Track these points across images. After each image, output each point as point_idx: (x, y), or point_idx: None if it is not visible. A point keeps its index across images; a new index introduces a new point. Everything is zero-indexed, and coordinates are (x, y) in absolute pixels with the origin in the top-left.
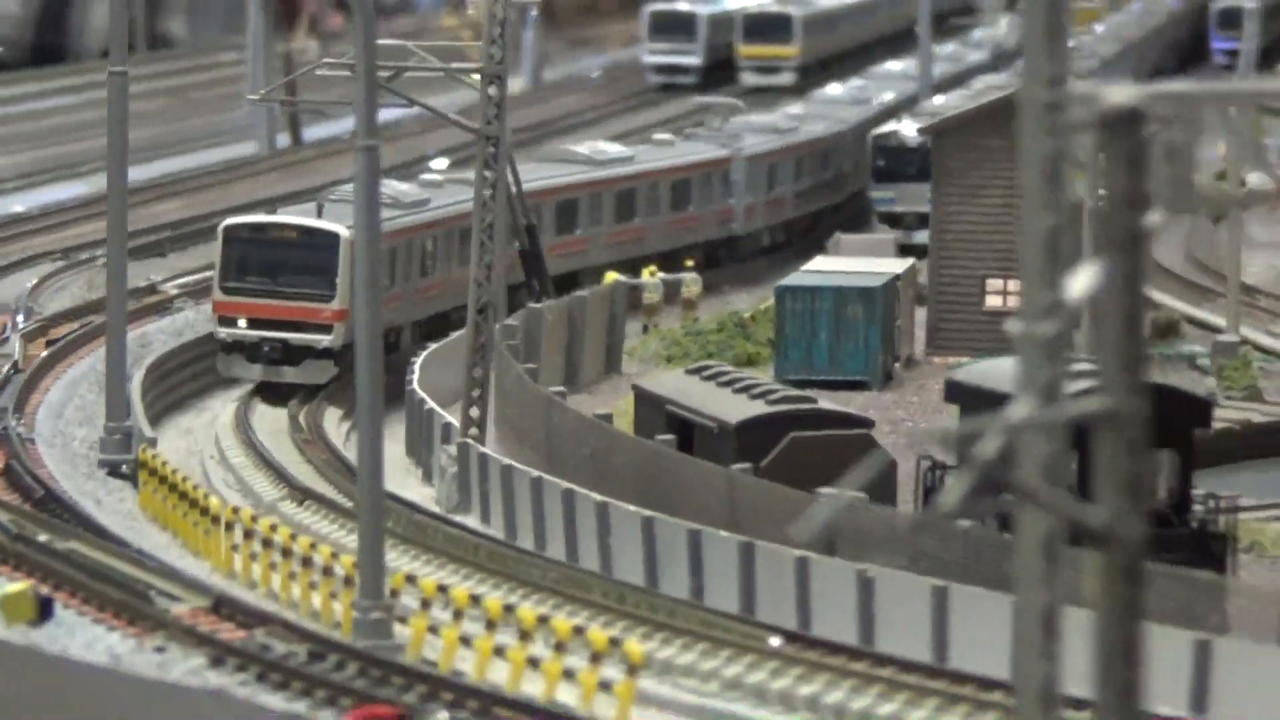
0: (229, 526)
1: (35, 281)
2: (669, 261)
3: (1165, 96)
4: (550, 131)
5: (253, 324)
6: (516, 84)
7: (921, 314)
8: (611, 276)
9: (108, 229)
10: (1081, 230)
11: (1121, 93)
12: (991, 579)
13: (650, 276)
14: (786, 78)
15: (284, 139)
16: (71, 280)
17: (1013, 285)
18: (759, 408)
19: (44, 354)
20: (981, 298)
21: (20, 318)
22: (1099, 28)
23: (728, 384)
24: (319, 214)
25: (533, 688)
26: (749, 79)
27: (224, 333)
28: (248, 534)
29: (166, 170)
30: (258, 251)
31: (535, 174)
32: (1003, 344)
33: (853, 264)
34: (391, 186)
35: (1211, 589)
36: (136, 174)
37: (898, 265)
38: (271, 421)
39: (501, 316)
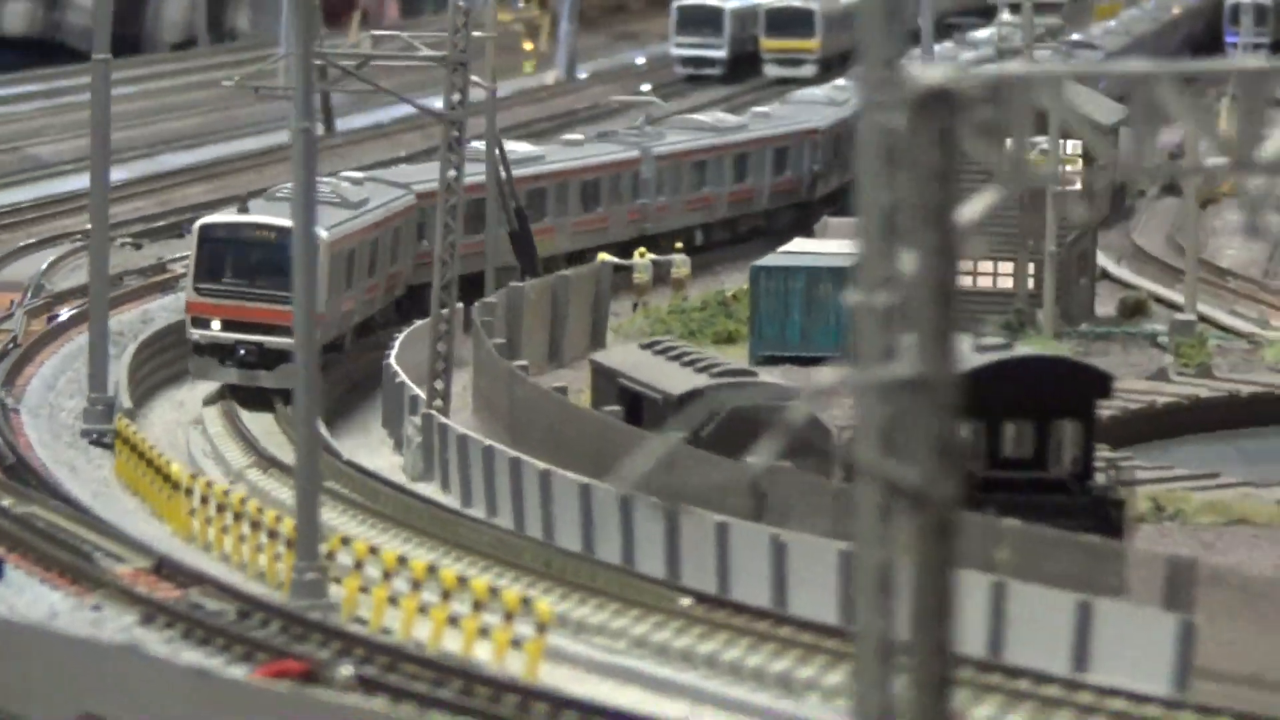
0: (188, 492)
1: (52, 260)
2: (575, 262)
3: (978, 77)
4: (576, 120)
5: (226, 326)
6: (551, 76)
7: None
8: (603, 256)
9: (90, 208)
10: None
11: (933, 72)
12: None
13: (640, 258)
14: (808, 70)
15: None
16: (86, 260)
17: (984, 266)
18: (702, 380)
19: (44, 329)
20: None
21: (29, 295)
22: (1112, 23)
23: (676, 358)
24: (239, 212)
25: (454, 644)
26: (772, 71)
27: (196, 334)
28: (203, 499)
29: (210, 156)
30: (233, 252)
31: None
32: (975, 321)
33: (829, 245)
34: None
35: (1103, 553)
36: (179, 159)
37: None
38: (255, 394)
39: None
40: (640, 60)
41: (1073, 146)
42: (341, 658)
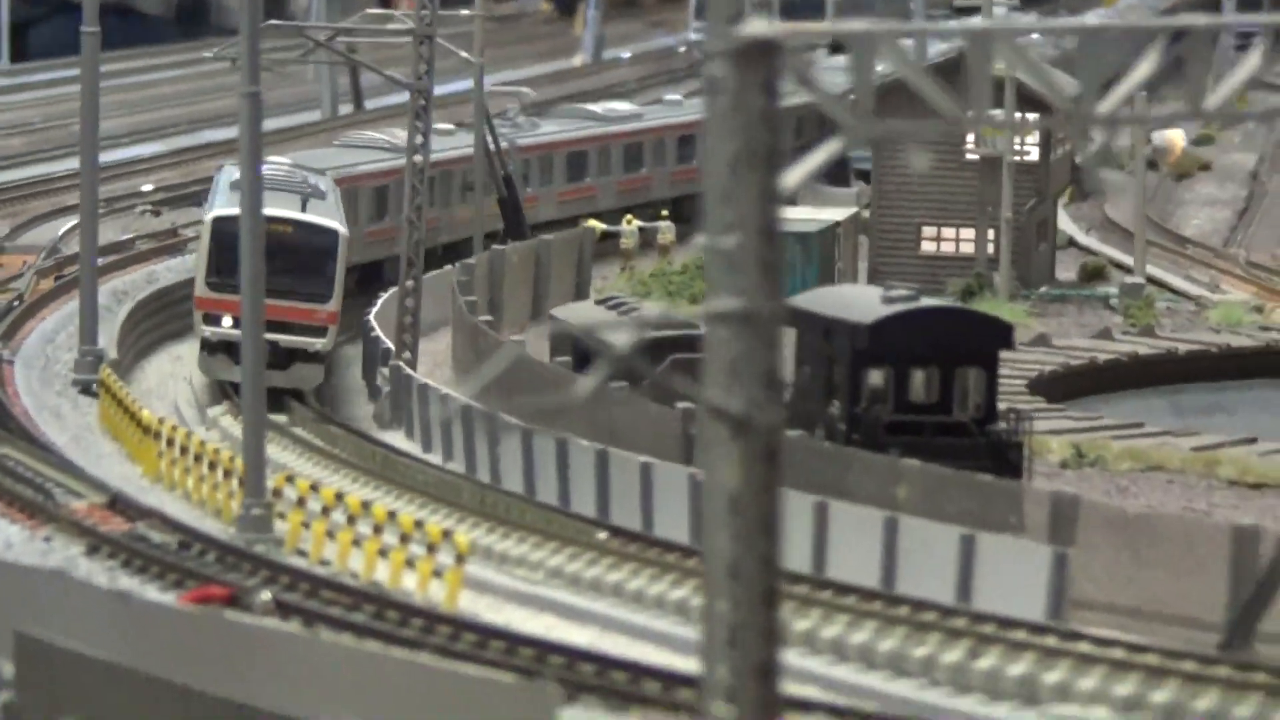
0: (156, 435)
1: (71, 224)
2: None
3: (803, 31)
4: (592, 96)
5: (239, 323)
6: (578, 59)
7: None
8: (591, 223)
9: (80, 176)
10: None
11: (758, 26)
12: (814, 484)
13: (628, 225)
14: (821, 53)
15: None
16: (107, 225)
17: (946, 232)
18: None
19: (49, 288)
20: (917, 243)
21: (43, 256)
22: (1103, 10)
23: (626, 313)
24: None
25: (384, 574)
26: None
27: (207, 331)
28: (169, 442)
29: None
30: None
31: (336, 160)
32: (937, 284)
33: (802, 212)
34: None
35: (995, 492)
36: (214, 135)
37: (842, 214)
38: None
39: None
40: (678, 44)
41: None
42: (264, 584)
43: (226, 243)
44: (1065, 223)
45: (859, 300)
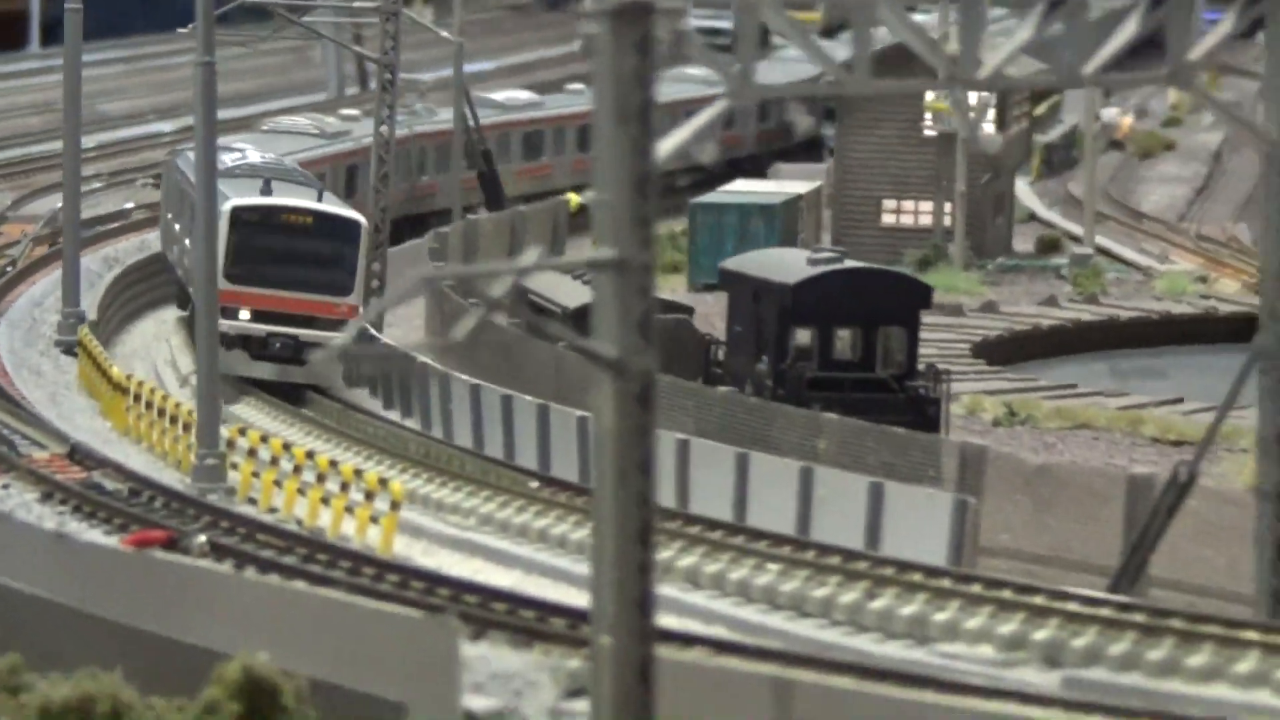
0: (125, 391)
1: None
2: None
3: None
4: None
5: (257, 316)
6: (577, 44)
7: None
8: (570, 196)
9: (63, 152)
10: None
11: None
12: (742, 437)
13: None
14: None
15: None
16: (108, 197)
17: (906, 205)
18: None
19: (42, 254)
20: (878, 215)
21: (41, 225)
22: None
23: (579, 276)
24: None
25: (327, 520)
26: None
27: (225, 325)
28: (136, 397)
29: (257, 111)
30: (268, 237)
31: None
32: (897, 255)
33: (767, 186)
34: None
35: (908, 443)
36: (230, 113)
37: (805, 187)
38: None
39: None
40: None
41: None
42: (202, 529)
43: (246, 233)
44: (1029, 198)
45: (786, 263)
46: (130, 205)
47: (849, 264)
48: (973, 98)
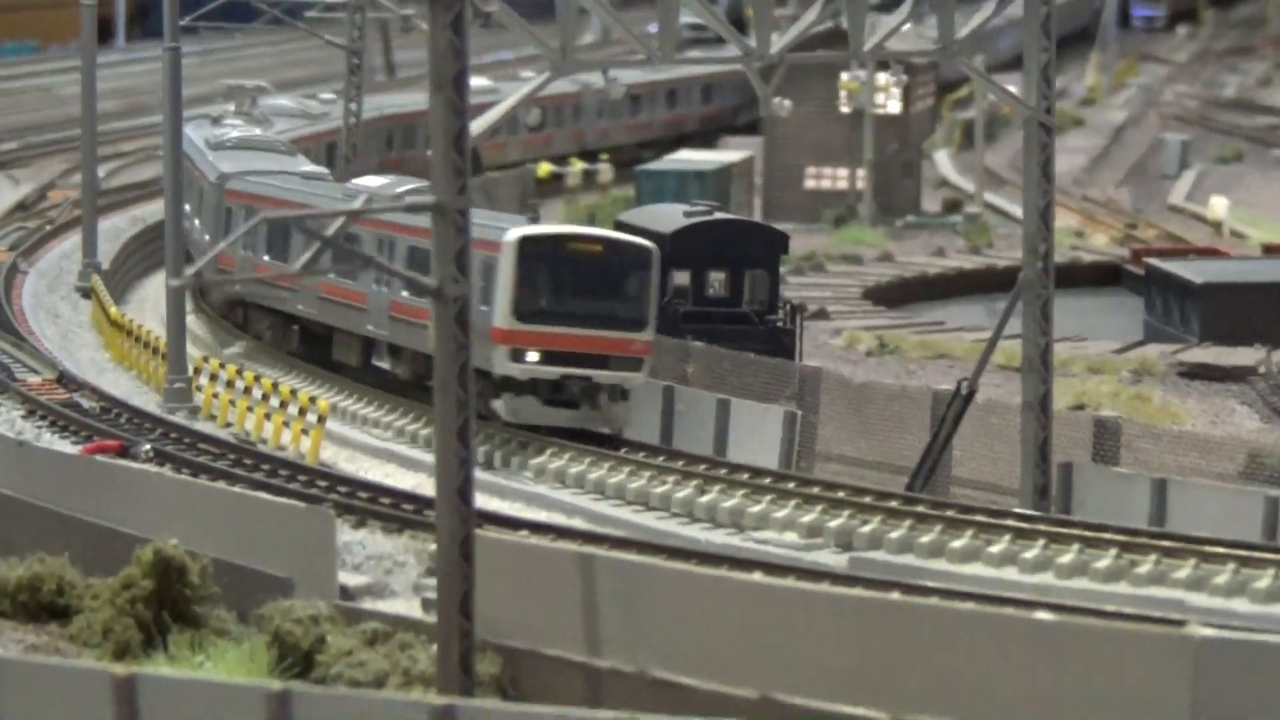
0: (120, 328)
1: (113, 167)
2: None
3: None
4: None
5: (548, 358)
6: (589, 36)
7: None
8: (542, 165)
9: (81, 126)
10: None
11: None
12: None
13: (574, 166)
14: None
15: None
16: (145, 168)
17: (825, 171)
18: None
19: (76, 215)
20: (801, 180)
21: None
22: None
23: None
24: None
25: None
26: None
27: (514, 369)
28: (128, 333)
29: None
30: (556, 270)
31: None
32: (817, 214)
33: (706, 155)
34: None
35: (763, 368)
36: (272, 101)
37: (738, 156)
38: None
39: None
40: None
41: (888, 76)
42: (149, 439)
43: (533, 267)
44: (946, 167)
45: (667, 215)
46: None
47: (719, 216)
48: (881, 78)
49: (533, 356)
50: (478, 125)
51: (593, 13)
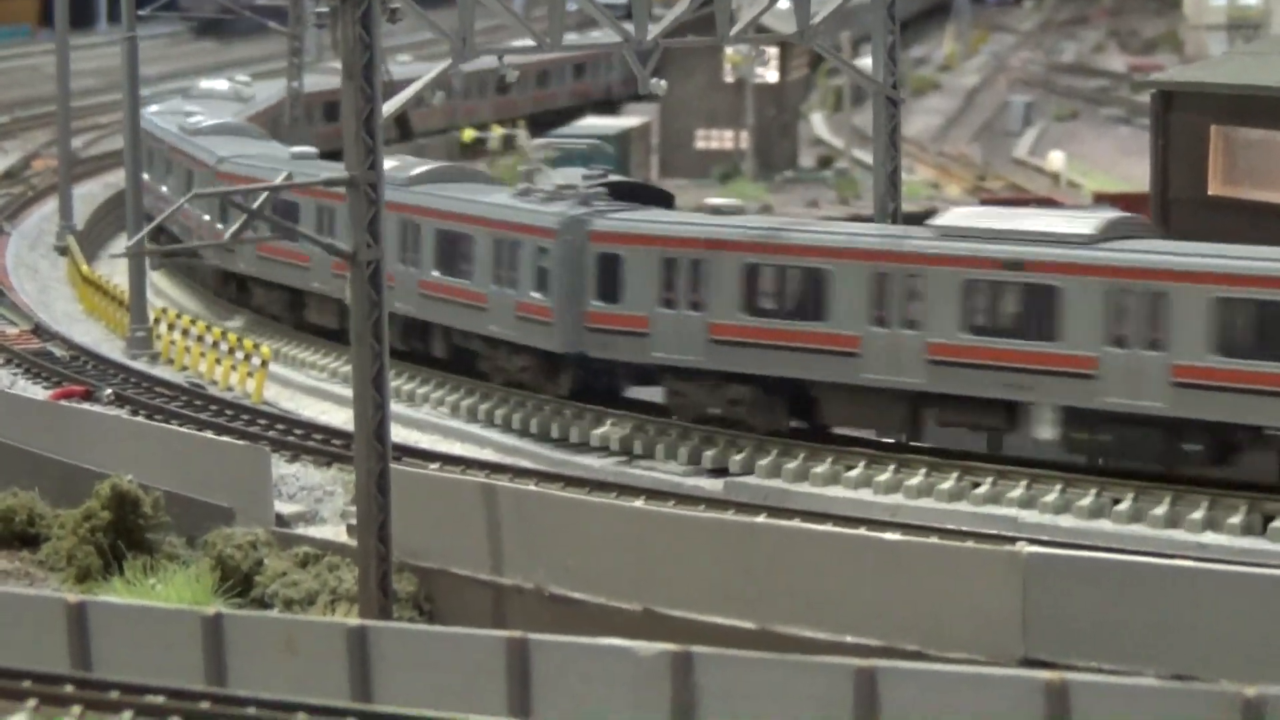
0: (90, 282)
1: (92, 137)
2: None
3: None
4: None
5: None
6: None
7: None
8: (466, 131)
9: (57, 106)
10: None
11: None
12: None
13: (495, 131)
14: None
15: None
16: (120, 139)
17: (714, 133)
18: None
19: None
20: (693, 142)
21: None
22: None
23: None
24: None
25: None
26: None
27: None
28: (96, 286)
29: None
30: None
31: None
32: (706, 171)
33: (609, 121)
34: None
35: None
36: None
37: (638, 121)
38: None
39: None
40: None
41: (751, 52)
42: (110, 384)
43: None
44: (821, 128)
45: (568, 178)
46: None
47: (613, 178)
48: (769, 52)
49: None
50: (389, 107)
51: (484, 2)
